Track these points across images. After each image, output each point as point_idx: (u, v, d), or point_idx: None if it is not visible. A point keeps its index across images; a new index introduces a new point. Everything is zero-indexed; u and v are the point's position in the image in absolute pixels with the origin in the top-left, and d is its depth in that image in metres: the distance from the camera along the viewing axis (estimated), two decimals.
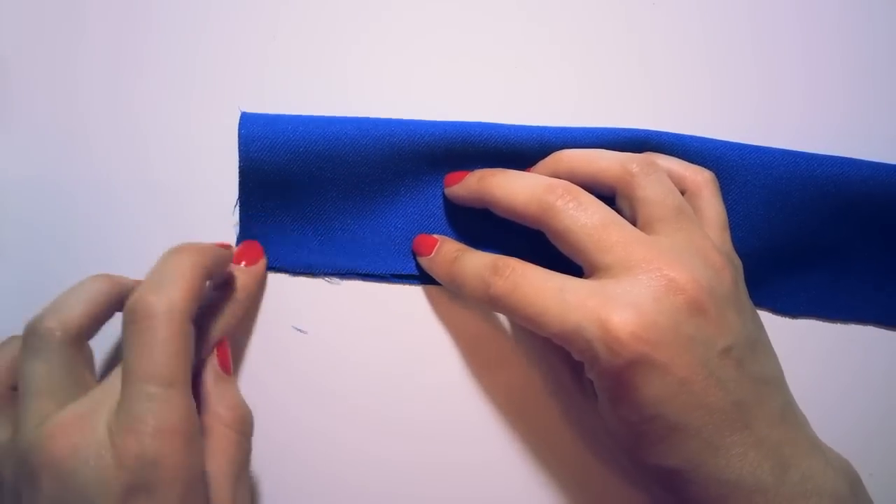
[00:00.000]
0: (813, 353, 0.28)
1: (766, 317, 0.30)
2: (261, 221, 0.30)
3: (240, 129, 0.28)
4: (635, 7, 0.32)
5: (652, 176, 0.26)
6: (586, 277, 0.25)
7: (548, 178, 0.26)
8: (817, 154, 0.30)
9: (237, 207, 0.29)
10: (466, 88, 0.31)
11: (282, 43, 0.31)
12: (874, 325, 0.31)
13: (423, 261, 0.29)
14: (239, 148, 0.28)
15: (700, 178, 0.28)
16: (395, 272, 0.30)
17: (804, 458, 0.24)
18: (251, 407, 0.26)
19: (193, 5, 0.31)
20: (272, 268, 0.30)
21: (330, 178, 0.29)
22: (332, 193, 0.29)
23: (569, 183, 0.26)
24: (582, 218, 0.25)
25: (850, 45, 0.33)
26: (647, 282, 0.24)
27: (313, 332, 0.30)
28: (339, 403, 0.29)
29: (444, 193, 0.30)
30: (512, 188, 0.26)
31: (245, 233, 0.30)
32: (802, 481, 0.23)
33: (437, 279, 0.29)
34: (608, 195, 0.27)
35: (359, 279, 0.30)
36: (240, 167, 0.29)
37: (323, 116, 0.29)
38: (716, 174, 0.28)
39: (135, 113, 0.30)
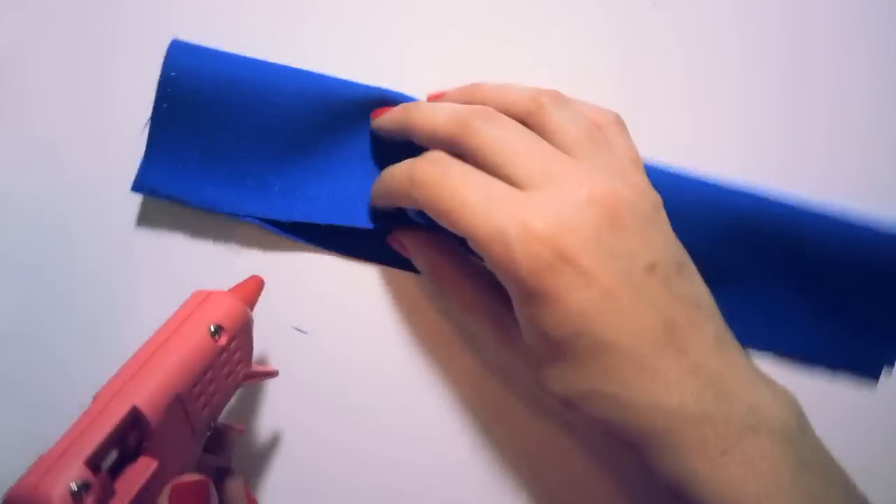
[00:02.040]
0: None
1: None
2: (168, 149, 0.29)
3: (167, 53, 0.28)
4: (635, 7, 0.32)
5: (561, 106, 0.26)
6: None
7: (467, 105, 0.26)
8: (710, 183, 0.30)
9: (146, 128, 0.29)
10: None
11: (282, 43, 0.31)
12: (772, 353, 0.30)
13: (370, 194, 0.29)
14: (162, 70, 0.28)
15: (604, 118, 0.27)
16: (298, 220, 0.29)
17: (749, 389, 0.23)
18: (251, 408, 0.26)
19: (196, 4, 0.31)
20: (172, 197, 0.29)
21: (246, 120, 0.29)
22: (246, 135, 0.29)
23: (487, 107, 0.26)
24: (501, 132, 0.25)
25: (842, 39, 0.33)
26: (568, 192, 0.23)
27: (313, 332, 0.30)
28: (339, 404, 0.29)
29: (358, 153, 0.30)
30: (432, 112, 0.27)
31: (150, 158, 0.29)
32: (749, 413, 0.22)
33: (373, 203, 0.29)
34: None
35: (260, 223, 0.29)
36: (157, 90, 0.28)
37: (254, 59, 0.29)
38: None
39: (136, 113, 0.30)
